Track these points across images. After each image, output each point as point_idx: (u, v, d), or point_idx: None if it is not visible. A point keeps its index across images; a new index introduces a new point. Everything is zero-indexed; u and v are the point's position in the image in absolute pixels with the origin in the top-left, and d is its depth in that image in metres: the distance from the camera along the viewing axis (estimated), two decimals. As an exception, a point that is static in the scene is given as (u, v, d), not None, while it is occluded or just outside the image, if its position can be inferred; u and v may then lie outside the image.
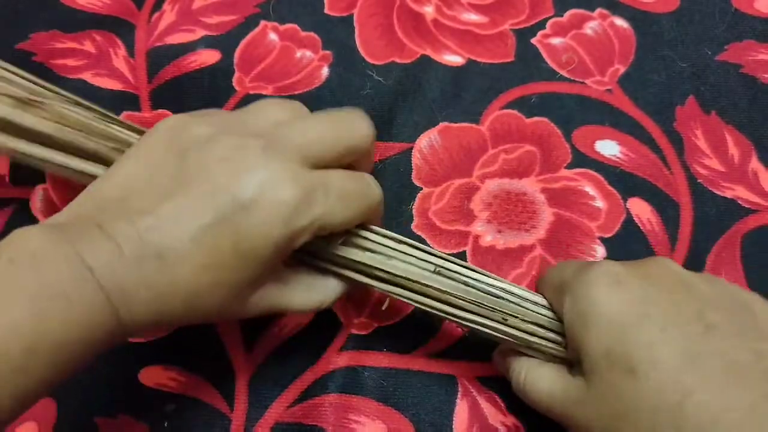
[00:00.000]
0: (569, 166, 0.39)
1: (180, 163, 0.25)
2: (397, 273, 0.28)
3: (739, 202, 0.37)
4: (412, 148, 0.39)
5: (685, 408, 0.22)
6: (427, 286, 0.28)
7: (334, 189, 0.26)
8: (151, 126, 0.28)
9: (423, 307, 0.29)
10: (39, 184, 0.39)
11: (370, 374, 0.34)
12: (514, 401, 0.33)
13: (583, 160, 0.39)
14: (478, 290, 0.28)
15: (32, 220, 0.38)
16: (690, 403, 0.22)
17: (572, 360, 0.27)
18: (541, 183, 0.38)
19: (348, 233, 0.29)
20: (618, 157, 0.39)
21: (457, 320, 0.29)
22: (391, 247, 0.29)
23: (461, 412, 0.33)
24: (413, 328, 0.35)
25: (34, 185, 0.39)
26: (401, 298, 0.29)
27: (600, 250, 0.36)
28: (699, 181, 0.38)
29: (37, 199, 0.39)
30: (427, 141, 0.40)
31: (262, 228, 0.24)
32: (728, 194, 0.37)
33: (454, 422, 0.33)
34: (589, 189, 0.38)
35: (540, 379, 0.27)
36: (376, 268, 0.28)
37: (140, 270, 0.22)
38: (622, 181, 0.38)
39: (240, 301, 0.26)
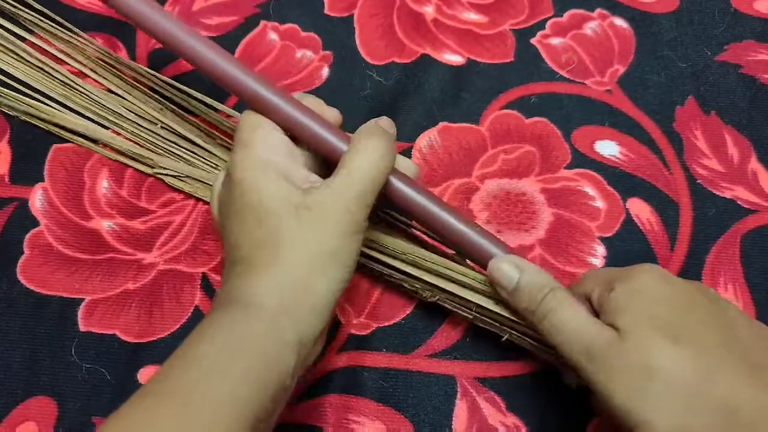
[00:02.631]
0: (569, 167, 0.39)
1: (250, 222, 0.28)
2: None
3: (739, 202, 0.37)
4: (411, 148, 0.40)
5: (703, 388, 0.23)
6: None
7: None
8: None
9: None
10: (38, 183, 0.39)
11: (370, 374, 0.34)
12: (514, 401, 0.33)
13: (582, 160, 0.39)
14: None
15: (32, 220, 0.38)
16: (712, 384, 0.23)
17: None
18: (541, 183, 0.38)
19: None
20: (617, 158, 0.39)
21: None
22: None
23: (461, 412, 0.33)
24: (413, 329, 0.35)
25: (33, 184, 0.39)
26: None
27: (600, 250, 0.36)
28: (698, 181, 0.38)
29: (36, 198, 0.39)
30: (426, 141, 0.40)
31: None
32: (727, 194, 0.37)
33: (453, 422, 0.33)
34: (589, 189, 0.38)
35: (575, 315, 0.27)
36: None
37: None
38: (622, 181, 0.38)
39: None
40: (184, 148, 0.39)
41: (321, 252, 0.27)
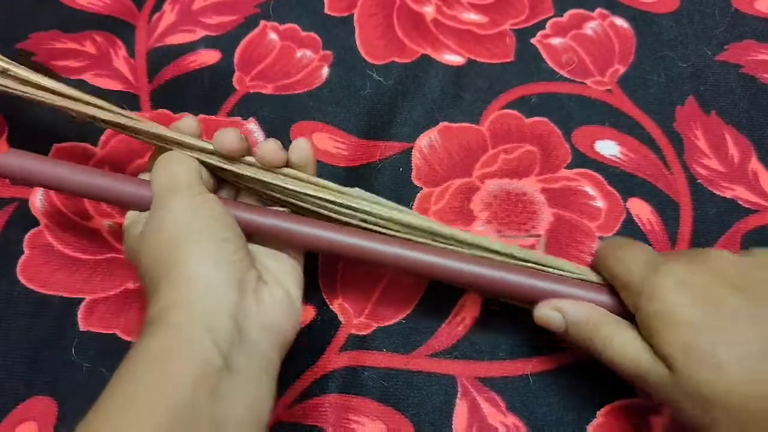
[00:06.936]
0: (569, 166, 0.39)
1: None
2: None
3: (739, 202, 0.37)
4: (412, 148, 0.40)
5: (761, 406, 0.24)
6: None
7: None
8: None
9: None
10: (39, 183, 0.39)
11: (370, 374, 0.34)
12: (514, 401, 0.33)
13: (582, 160, 0.39)
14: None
15: (32, 220, 0.38)
16: None
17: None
18: (541, 183, 0.38)
19: None
20: (618, 157, 0.39)
21: None
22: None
23: (461, 412, 0.33)
24: (413, 328, 0.35)
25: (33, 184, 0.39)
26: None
27: (600, 250, 0.36)
28: (699, 181, 0.38)
29: (36, 198, 0.39)
30: (427, 141, 0.40)
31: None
32: (728, 194, 0.37)
33: (453, 422, 0.33)
34: (589, 189, 0.38)
35: (627, 345, 0.28)
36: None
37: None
38: (622, 181, 0.38)
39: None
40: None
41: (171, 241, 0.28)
